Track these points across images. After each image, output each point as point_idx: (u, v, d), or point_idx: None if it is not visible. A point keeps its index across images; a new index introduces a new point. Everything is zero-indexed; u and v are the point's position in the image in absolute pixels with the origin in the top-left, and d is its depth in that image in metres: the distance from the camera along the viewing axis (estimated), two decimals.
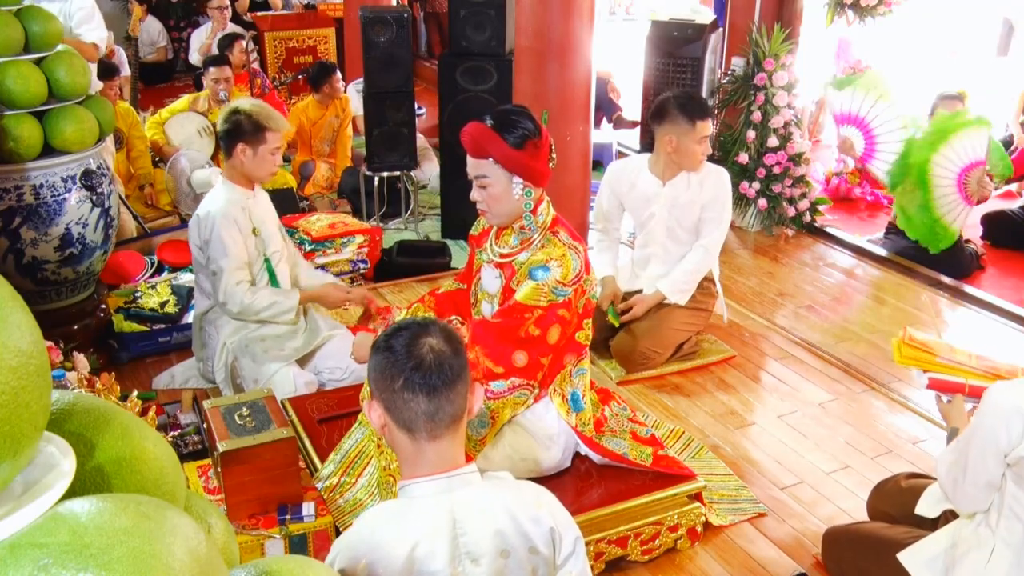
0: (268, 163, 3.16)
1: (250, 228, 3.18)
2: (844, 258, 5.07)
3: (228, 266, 3.08)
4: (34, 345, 0.78)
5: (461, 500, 1.56)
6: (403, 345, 1.56)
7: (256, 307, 3.13)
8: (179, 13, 9.57)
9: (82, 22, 4.18)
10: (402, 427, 1.57)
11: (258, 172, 3.18)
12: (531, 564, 1.59)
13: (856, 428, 3.40)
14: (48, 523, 0.74)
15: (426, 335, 1.57)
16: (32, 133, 3.32)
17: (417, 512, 1.55)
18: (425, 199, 5.87)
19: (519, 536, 1.58)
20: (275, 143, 3.13)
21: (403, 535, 1.53)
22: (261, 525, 2.37)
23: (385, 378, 1.56)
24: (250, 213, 3.19)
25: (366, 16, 5.04)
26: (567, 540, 1.64)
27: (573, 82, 4.34)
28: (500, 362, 2.43)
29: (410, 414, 1.55)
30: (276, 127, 3.11)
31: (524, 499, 1.63)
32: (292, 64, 7.96)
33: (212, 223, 3.09)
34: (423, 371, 1.54)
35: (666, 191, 3.69)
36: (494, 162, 2.40)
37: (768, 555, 2.72)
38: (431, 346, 1.56)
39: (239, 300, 3.10)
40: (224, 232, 3.08)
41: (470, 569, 1.55)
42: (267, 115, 3.10)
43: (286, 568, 0.97)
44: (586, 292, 2.51)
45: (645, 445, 2.72)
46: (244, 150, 3.10)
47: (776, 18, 5.25)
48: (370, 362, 1.60)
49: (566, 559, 1.63)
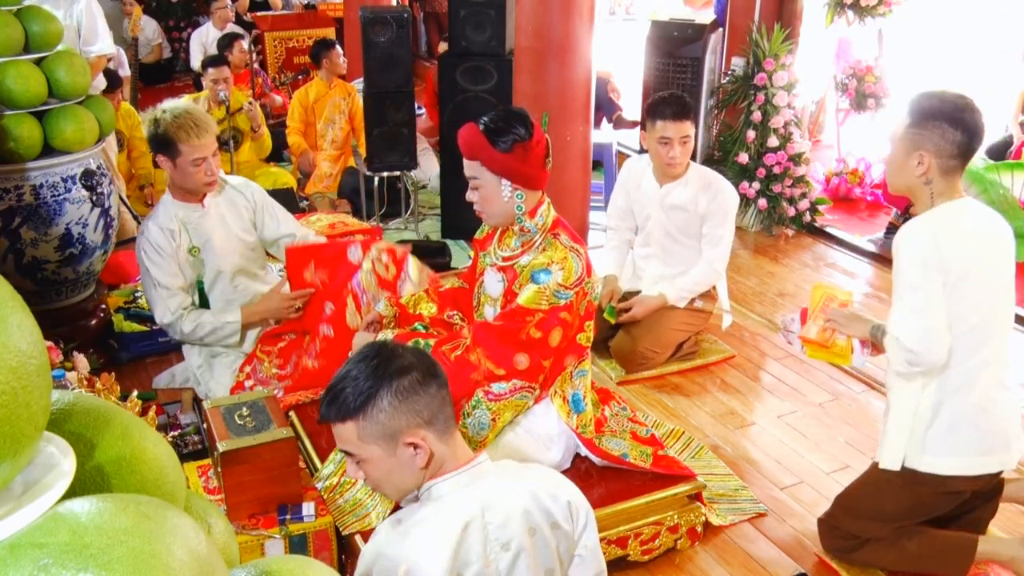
0: (193, 175, 2.94)
1: (187, 247, 3.04)
2: (844, 258, 5.07)
3: (156, 296, 3.01)
4: (34, 345, 0.78)
5: (485, 490, 1.60)
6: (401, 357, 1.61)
7: (197, 335, 3.04)
8: (179, 13, 9.57)
9: (89, 40, 4.20)
10: (441, 434, 1.60)
11: (187, 184, 2.98)
12: (555, 540, 1.64)
13: (856, 428, 3.40)
14: (48, 523, 0.74)
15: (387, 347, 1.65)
16: (32, 133, 3.32)
17: (450, 512, 1.57)
18: (425, 199, 5.87)
19: (542, 513, 1.62)
20: (196, 153, 2.90)
21: (442, 538, 1.54)
22: (261, 525, 2.37)
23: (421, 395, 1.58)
24: (192, 230, 3.04)
25: (366, 16, 5.04)
26: (582, 512, 1.69)
27: (573, 82, 4.34)
28: (502, 364, 2.44)
29: (448, 410, 1.61)
30: (191, 137, 2.87)
31: (539, 477, 1.68)
32: (292, 64, 7.97)
33: (137, 250, 3.02)
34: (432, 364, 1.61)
35: (662, 192, 3.70)
36: (482, 164, 2.42)
37: (768, 555, 2.72)
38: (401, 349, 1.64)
39: (177, 329, 3.02)
40: (145, 258, 2.98)
41: (501, 556, 1.58)
42: (180, 125, 2.87)
43: (286, 568, 0.97)
44: (587, 294, 2.51)
45: (645, 445, 2.72)
46: (164, 162, 2.96)
47: (776, 18, 5.25)
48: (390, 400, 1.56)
49: (582, 532, 1.68)
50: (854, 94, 6.21)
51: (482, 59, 4.87)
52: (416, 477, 1.61)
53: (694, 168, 3.70)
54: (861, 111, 6.31)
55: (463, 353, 2.46)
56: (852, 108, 6.35)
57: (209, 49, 7.31)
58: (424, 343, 2.53)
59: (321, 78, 5.92)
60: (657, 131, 3.53)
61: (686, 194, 3.64)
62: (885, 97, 6.18)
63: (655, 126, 3.54)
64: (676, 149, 3.54)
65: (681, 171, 3.64)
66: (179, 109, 2.91)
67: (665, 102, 3.55)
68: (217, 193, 3.13)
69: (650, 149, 3.64)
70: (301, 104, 5.90)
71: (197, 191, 3.03)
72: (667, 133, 3.52)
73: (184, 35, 9.25)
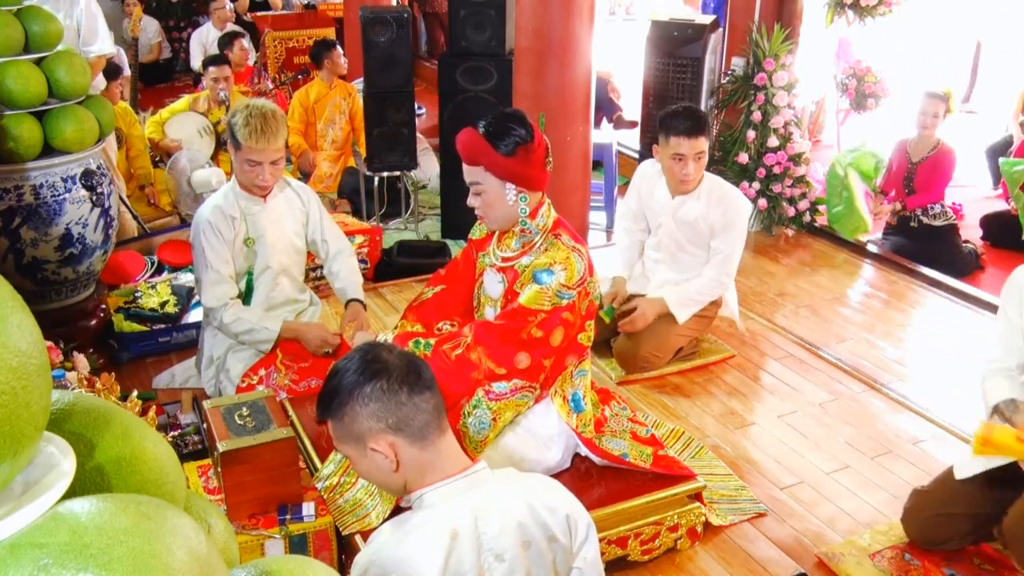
0: (247, 172, 3.02)
1: (243, 237, 3.08)
2: (844, 258, 5.07)
3: (206, 279, 3.03)
4: (34, 345, 0.78)
5: (480, 499, 1.58)
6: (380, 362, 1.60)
7: (234, 329, 3.05)
8: (179, 13, 9.57)
9: (89, 40, 4.20)
10: (415, 440, 1.58)
11: (241, 179, 3.07)
12: (551, 553, 1.61)
13: (856, 428, 3.39)
14: (48, 523, 0.74)
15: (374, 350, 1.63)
16: (32, 133, 3.32)
17: (441, 520, 1.55)
18: (425, 199, 5.87)
19: (538, 526, 1.60)
20: (252, 155, 2.96)
21: (434, 545, 1.52)
22: (261, 525, 2.37)
23: (388, 401, 1.57)
24: (251, 221, 3.10)
25: (366, 16, 5.04)
26: (581, 525, 1.66)
27: (573, 82, 4.34)
28: (502, 363, 2.43)
29: (422, 417, 1.57)
30: (251, 139, 2.91)
31: (538, 489, 1.65)
32: (292, 64, 7.97)
33: (195, 228, 3.05)
34: (414, 370, 1.59)
35: (674, 204, 3.65)
36: (485, 169, 2.41)
37: (768, 555, 2.72)
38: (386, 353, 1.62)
39: (218, 317, 3.04)
40: (203, 239, 3.01)
41: (495, 566, 1.56)
42: (248, 123, 2.91)
43: (286, 568, 0.97)
44: (589, 294, 2.51)
45: (645, 445, 2.72)
46: (230, 148, 3.04)
47: (776, 18, 5.25)
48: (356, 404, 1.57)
49: (581, 545, 1.66)
50: (854, 94, 6.23)
51: (482, 59, 4.87)
52: (396, 479, 1.60)
53: (708, 180, 3.62)
54: (861, 111, 6.32)
55: (464, 352, 2.45)
56: (852, 108, 6.36)
57: (209, 49, 7.32)
58: (424, 343, 2.52)
59: (322, 79, 5.93)
60: (671, 147, 3.44)
61: (698, 209, 3.59)
62: (885, 97, 6.20)
63: (668, 142, 3.45)
64: (690, 166, 3.46)
65: (694, 185, 3.59)
66: (260, 109, 2.95)
67: (680, 116, 3.45)
68: (278, 192, 3.18)
69: (663, 164, 3.57)
70: (301, 104, 5.91)
71: (250, 188, 3.08)
72: (681, 150, 3.43)
73: (184, 35, 9.25)
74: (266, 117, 2.95)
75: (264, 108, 2.97)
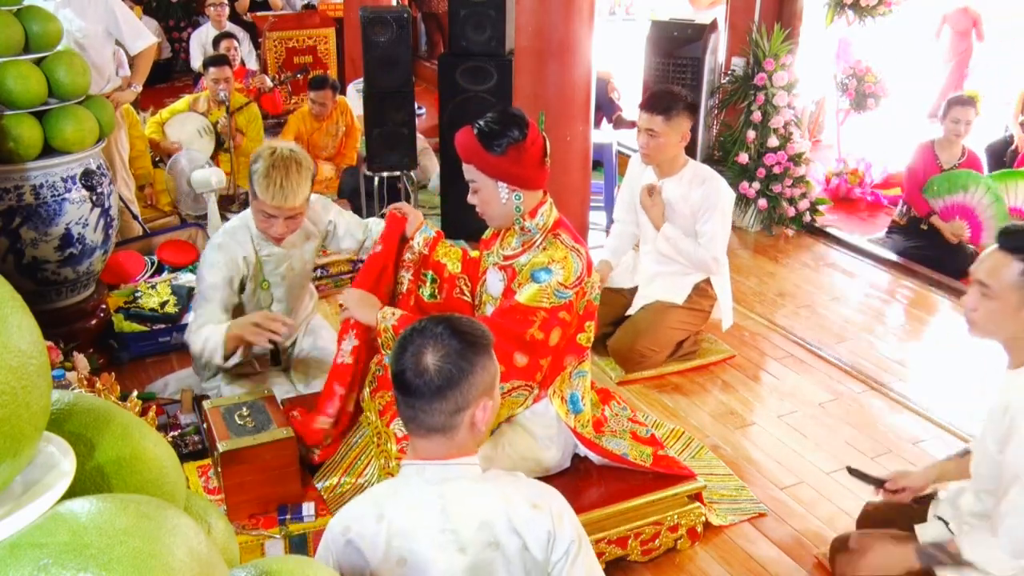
0: (258, 221, 2.85)
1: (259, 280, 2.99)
2: (844, 258, 5.07)
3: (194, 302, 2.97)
4: (34, 345, 0.78)
5: (453, 487, 1.61)
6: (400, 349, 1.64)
7: (194, 351, 2.92)
8: (179, 13, 9.57)
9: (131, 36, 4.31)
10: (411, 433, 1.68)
11: (254, 222, 2.90)
12: (522, 561, 1.61)
13: (856, 428, 3.40)
14: (48, 523, 0.74)
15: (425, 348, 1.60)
16: (32, 133, 3.32)
17: (405, 489, 1.63)
18: (425, 199, 5.87)
19: (509, 533, 1.59)
20: (264, 208, 2.77)
21: (384, 507, 1.60)
22: (261, 525, 2.37)
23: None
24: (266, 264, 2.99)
25: (366, 16, 5.04)
26: (561, 545, 1.62)
27: (573, 82, 4.34)
28: (500, 362, 2.42)
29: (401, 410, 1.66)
30: (267, 194, 2.72)
31: (522, 499, 1.63)
32: (292, 64, 7.97)
33: (206, 252, 2.97)
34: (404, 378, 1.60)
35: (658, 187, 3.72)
36: (477, 168, 2.43)
37: (768, 555, 2.72)
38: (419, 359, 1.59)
39: (189, 342, 2.92)
40: (205, 266, 2.91)
41: (455, 557, 1.57)
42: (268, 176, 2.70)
43: (286, 568, 0.97)
44: (587, 294, 2.51)
45: (645, 445, 2.72)
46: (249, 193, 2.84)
47: (776, 18, 5.25)
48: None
49: (561, 563, 1.62)
50: (854, 94, 6.22)
51: (482, 59, 4.86)
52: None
53: (691, 165, 3.70)
54: (861, 111, 6.31)
55: None
56: (852, 108, 6.36)
57: (209, 49, 7.32)
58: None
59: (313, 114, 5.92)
60: (641, 121, 3.62)
61: (679, 190, 3.65)
62: (885, 97, 6.20)
63: (640, 116, 3.64)
64: (643, 138, 3.60)
65: (677, 166, 3.65)
66: (284, 160, 2.73)
67: (650, 94, 3.69)
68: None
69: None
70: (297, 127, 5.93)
71: (266, 236, 2.93)
72: (640, 122, 3.62)
73: (184, 35, 9.24)
74: (289, 170, 2.73)
75: (289, 159, 2.75)
